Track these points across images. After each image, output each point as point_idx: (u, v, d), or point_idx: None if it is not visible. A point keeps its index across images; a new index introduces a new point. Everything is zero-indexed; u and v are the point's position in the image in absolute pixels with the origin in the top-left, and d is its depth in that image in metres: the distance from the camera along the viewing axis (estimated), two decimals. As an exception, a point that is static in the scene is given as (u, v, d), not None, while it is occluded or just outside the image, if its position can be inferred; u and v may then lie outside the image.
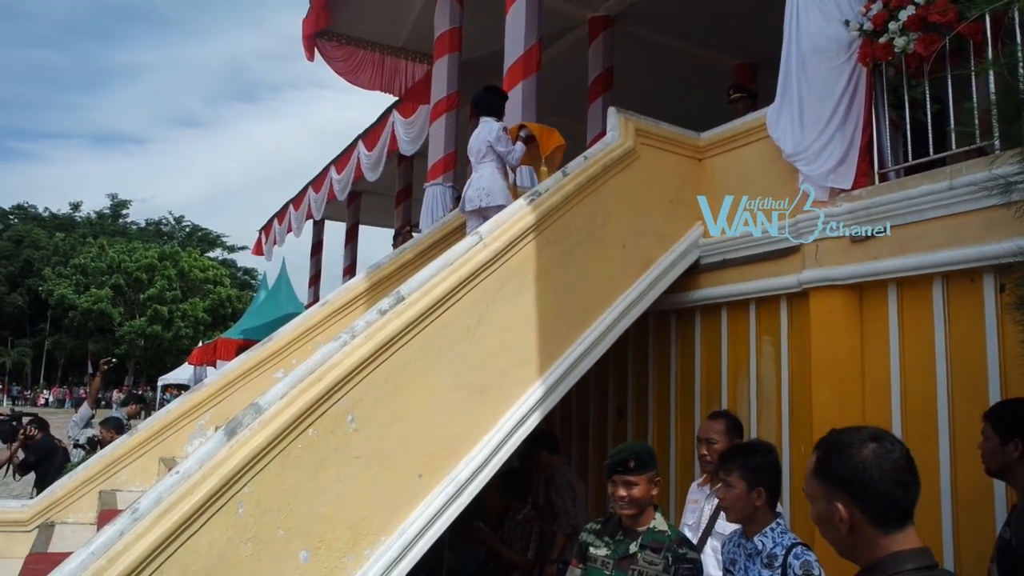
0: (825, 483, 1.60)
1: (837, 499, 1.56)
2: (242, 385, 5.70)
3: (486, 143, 5.30)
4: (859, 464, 1.56)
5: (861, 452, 1.57)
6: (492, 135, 5.28)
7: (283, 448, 3.12)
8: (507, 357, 3.92)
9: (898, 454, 1.58)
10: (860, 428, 1.66)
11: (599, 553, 2.97)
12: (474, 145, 5.45)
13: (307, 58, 9.77)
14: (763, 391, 4.50)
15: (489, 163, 5.30)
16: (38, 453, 7.24)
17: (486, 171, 5.28)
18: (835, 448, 1.62)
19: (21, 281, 55.55)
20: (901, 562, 1.51)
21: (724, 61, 9.29)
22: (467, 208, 5.37)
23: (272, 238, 16.85)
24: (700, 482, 3.59)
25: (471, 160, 5.48)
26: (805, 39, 4.15)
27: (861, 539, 1.55)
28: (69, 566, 2.59)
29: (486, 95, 5.62)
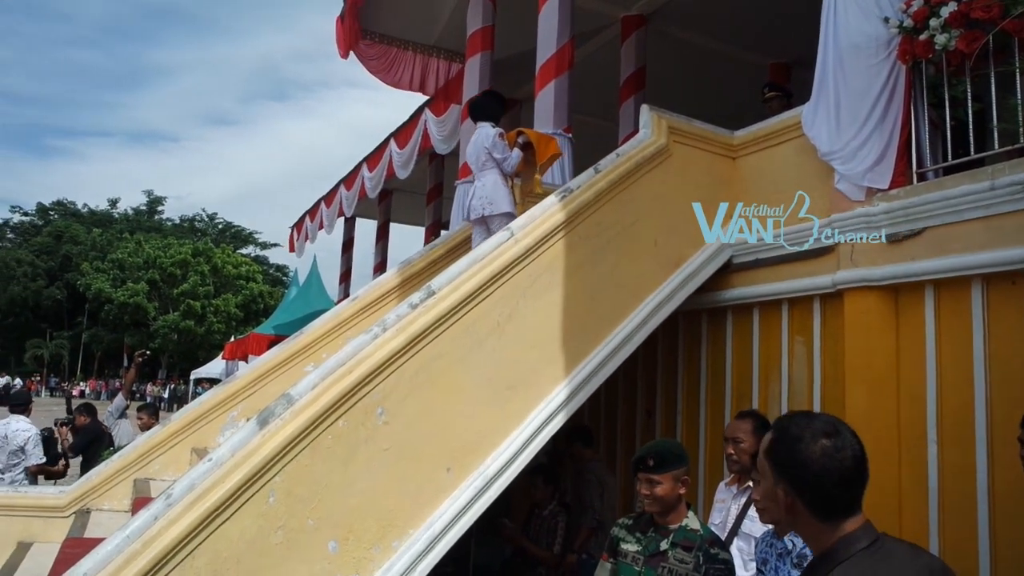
0: (773, 466, 1.64)
1: (779, 484, 1.61)
2: (273, 378, 5.77)
3: (484, 149, 5.25)
4: (806, 460, 1.57)
5: (811, 448, 1.58)
6: (488, 141, 5.23)
7: (314, 438, 3.15)
8: (536, 353, 3.92)
9: (848, 453, 1.58)
10: (815, 417, 1.66)
11: (630, 549, 2.97)
12: (472, 152, 5.41)
13: (341, 56, 9.84)
14: (795, 392, 4.44)
15: (491, 170, 5.26)
16: (86, 438, 7.41)
17: (488, 179, 5.24)
18: (786, 438, 1.63)
19: (60, 275, 56.72)
20: (850, 545, 1.55)
21: (759, 61, 9.21)
22: (471, 217, 5.33)
23: (304, 235, 17.02)
24: (728, 482, 3.56)
25: (471, 167, 5.45)
26: (843, 36, 4.09)
27: (801, 523, 1.61)
28: (105, 548, 2.64)
29: (484, 100, 5.58)
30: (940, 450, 3.66)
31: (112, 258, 51.97)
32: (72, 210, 65.17)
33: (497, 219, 5.16)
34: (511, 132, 5.47)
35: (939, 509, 3.63)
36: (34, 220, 64.03)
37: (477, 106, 5.57)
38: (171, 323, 47.40)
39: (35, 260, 56.67)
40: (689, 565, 2.79)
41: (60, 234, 59.22)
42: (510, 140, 5.35)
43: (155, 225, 65.46)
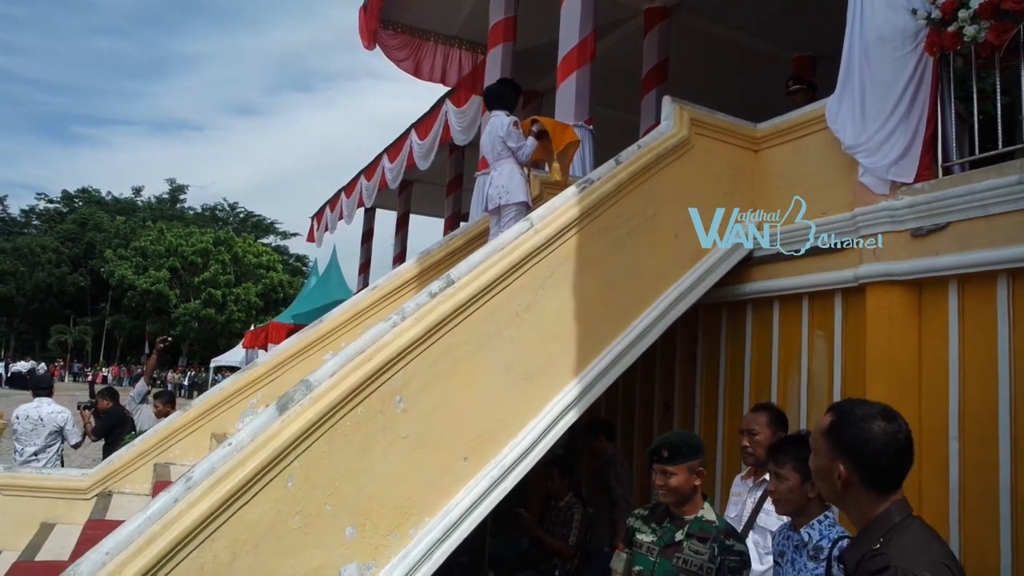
0: (833, 444, 1.82)
1: (840, 461, 1.80)
2: (293, 365, 5.80)
3: (499, 138, 5.18)
4: (869, 439, 1.78)
5: (873, 427, 1.79)
6: (503, 129, 5.16)
7: (332, 425, 3.17)
8: (555, 344, 3.92)
9: (903, 435, 1.80)
10: (872, 403, 1.88)
11: (645, 539, 2.97)
12: (487, 142, 5.35)
13: (365, 46, 9.87)
14: (814, 387, 4.41)
15: (507, 160, 5.20)
16: (108, 421, 7.52)
17: (504, 168, 5.19)
18: (849, 418, 1.83)
19: (84, 262, 57.45)
20: (901, 509, 1.78)
21: (783, 54, 9.12)
22: (488, 207, 5.29)
23: (324, 225, 17.09)
24: (743, 475, 3.55)
25: (486, 157, 5.39)
26: (869, 28, 4.04)
27: (853, 496, 1.81)
28: (127, 529, 2.67)
29: (499, 87, 5.50)
30: (962, 447, 3.62)
31: (135, 246, 52.54)
32: (96, 197, 65.96)
33: (511, 208, 5.13)
34: (526, 120, 5.43)
35: (960, 506, 3.59)
36: (59, 207, 64.88)
37: (492, 94, 5.51)
38: (192, 311, 47.87)
39: (60, 247, 57.42)
40: (704, 556, 2.78)
41: (84, 221, 59.95)
42: (525, 128, 5.30)
43: (177, 213, 66.13)
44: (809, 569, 2.51)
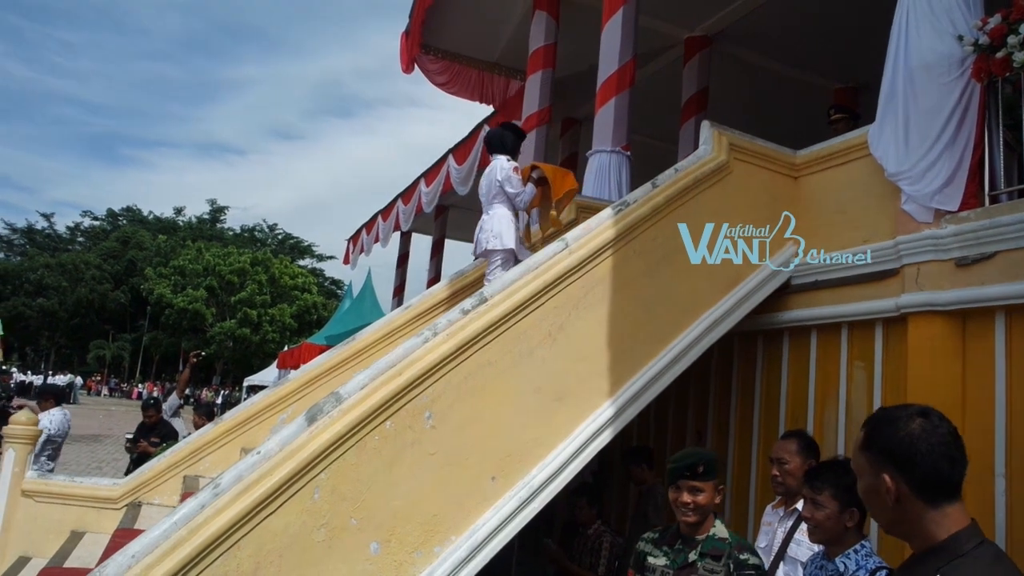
0: (873, 456, 1.63)
1: (884, 471, 1.59)
2: (324, 382, 5.82)
3: (496, 183, 5.06)
4: (906, 437, 1.58)
5: (909, 426, 1.60)
6: (502, 174, 5.04)
7: (360, 438, 3.15)
8: (587, 365, 3.87)
9: (945, 430, 1.61)
10: (907, 405, 1.69)
11: (658, 563, 2.91)
12: (484, 184, 5.23)
13: (404, 70, 10.01)
14: (853, 418, 4.30)
15: (500, 204, 5.07)
16: (161, 432, 7.60)
17: (496, 212, 5.06)
18: (883, 421, 1.65)
19: (125, 279, 58.65)
20: (960, 544, 1.52)
21: (825, 84, 9.07)
22: (477, 251, 5.17)
23: (360, 247, 17.23)
24: (774, 504, 3.46)
25: (482, 200, 5.27)
26: (914, 54, 3.98)
27: (909, 512, 1.57)
28: (153, 534, 2.67)
29: (501, 132, 5.37)
30: (1009, 484, 3.49)
31: (174, 264, 53.53)
32: (139, 216, 67.55)
33: (498, 254, 4.99)
34: (525, 167, 5.29)
35: (1007, 545, 3.44)
36: (104, 225, 66.49)
37: (494, 138, 5.34)
38: (227, 330, 48.49)
39: (102, 264, 58.73)
40: (720, 574, 2.73)
41: (127, 239, 61.33)
42: (524, 175, 5.16)
43: (217, 234, 67.33)
44: (844, 600, 2.42)
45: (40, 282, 55.51)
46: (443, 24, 9.62)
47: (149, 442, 7.40)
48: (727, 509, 5.05)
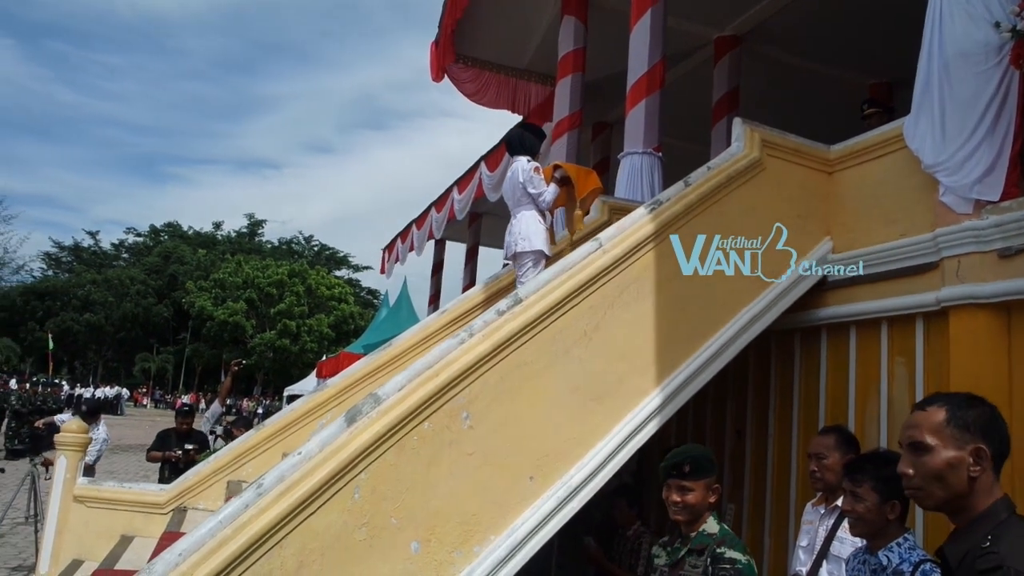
0: (962, 431, 1.74)
1: (975, 443, 1.72)
2: (362, 387, 5.88)
3: (519, 185, 5.02)
4: (989, 411, 1.77)
5: (983, 407, 1.79)
6: (524, 175, 4.99)
7: (399, 438, 3.19)
8: (623, 364, 3.88)
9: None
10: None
11: (660, 562, 2.96)
12: (508, 187, 5.19)
13: (434, 79, 10.11)
14: (894, 415, 4.23)
15: (527, 207, 5.02)
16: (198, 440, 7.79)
17: (523, 215, 5.02)
18: (963, 402, 1.79)
19: (168, 293, 59.87)
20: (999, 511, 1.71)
21: (858, 81, 8.95)
22: (507, 254, 5.14)
23: (395, 256, 17.40)
24: (815, 502, 3.42)
25: (508, 204, 5.24)
26: (949, 43, 3.92)
27: (982, 483, 1.72)
28: (199, 532, 2.74)
29: (520, 132, 5.31)
30: (1058, 480, 3.41)
31: (214, 277, 54.50)
32: (180, 232, 68.95)
33: (528, 256, 4.97)
34: (547, 167, 5.25)
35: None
36: (146, 241, 68.00)
37: (514, 139, 5.28)
38: (267, 341, 49.21)
39: (146, 279, 60.02)
40: (699, 569, 2.72)
41: (168, 254, 62.64)
42: (546, 175, 5.11)
43: (255, 247, 68.43)
44: (889, 594, 2.38)
45: (87, 298, 56.91)
46: (472, 32, 9.70)
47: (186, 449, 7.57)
48: (767, 509, 5.00)
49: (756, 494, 5.17)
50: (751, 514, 5.14)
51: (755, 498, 5.17)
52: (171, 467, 7.59)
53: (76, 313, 56.60)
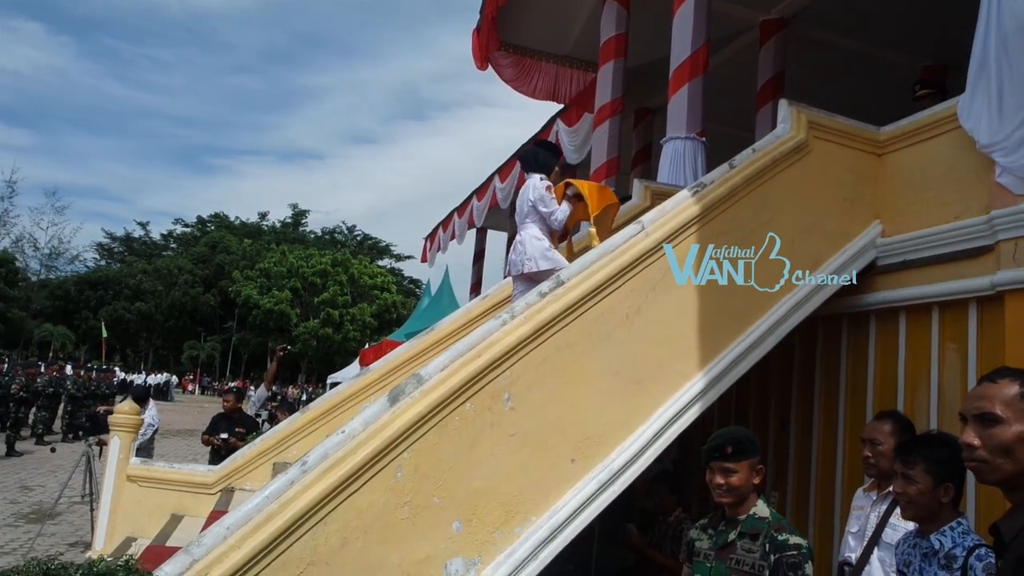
0: None
1: None
2: (404, 371, 5.93)
3: (529, 202, 4.89)
4: None
5: None
6: (535, 193, 4.85)
7: (441, 419, 3.21)
8: (666, 348, 3.85)
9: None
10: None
11: (702, 546, 2.89)
12: (518, 203, 5.07)
13: (478, 67, 10.11)
14: (945, 403, 4.13)
15: (532, 224, 4.88)
16: (247, 423, 7.96)
17: (527, 233, 4.88)
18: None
19: (214, 282, 61.08)
20: None
21: (910, 63, 8.70)
22: (511, 272, 5.04)
23: (436, 245, 17.51)
24: (866, 488, 3.35)
25: (516, 220, 5.12)
26: (1008, 17, 3.78)
27: None
28: (246, 507, 2.80)
29: (535, 150, 5.18)
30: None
31: (260, 267, 55.43)
32: (226, 222, 70.23)
33: (541, 275, 4.71)
34: (559, 185, 5.11)
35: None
36: (194, 231, 69.42)
37: (528, 156, 5.16)
38: (311, 330, 49.91)
39: (194, 268, 61.30)
40: (756, 554, 2.65)
41: (215, 244, 63.86)
42: (558, 193, 4.98)
43: (299, 237, 69.38)
44: (940, 579, 2.33)
45: (138, 287, 58.32)
46: (514, 19, 9.67)
47: (234, 433, 7.72)
48: (812, 496, 4.93)
49: (800, 482, 5.10)
50: (795, 502, 5.07)
51: (799, 486, 5.10)
52: (214, 451, 7.77)
53: (127, 302, 58.03)
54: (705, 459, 2.85)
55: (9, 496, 11.08)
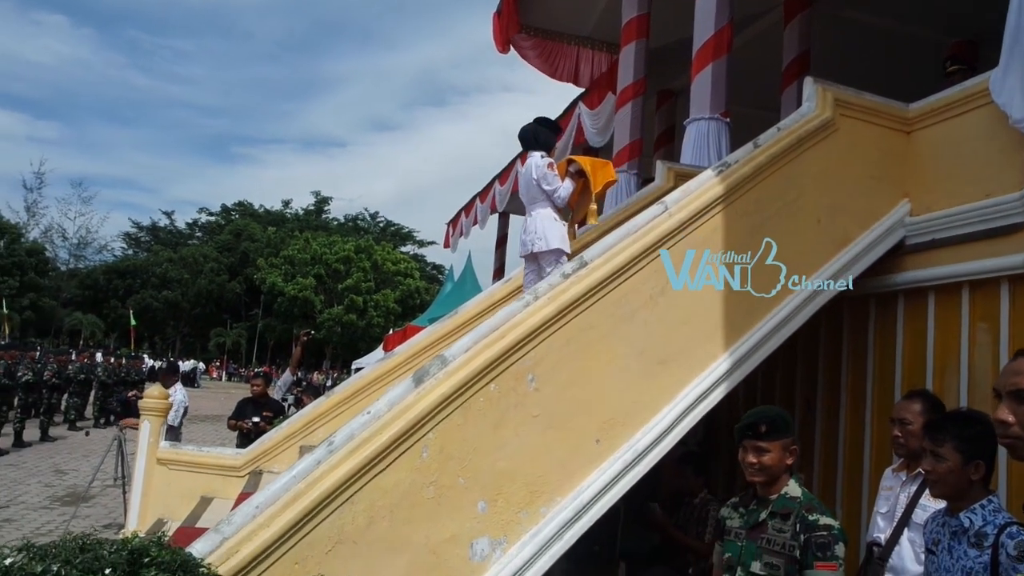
0: None
1: None
2: (428, 354, 5.95)
3: (533, 181, 4.87)
4: None
5: None
6: (538, 171, 4.83)
7: (466, 399, 3.23)
8: (690, 329, 3.83)
9: None
10: None
11: (733, 525, 2.89)
12: (522, 184, 5.05)
13: (499, 50, 10.06)
14: (976, 384, 4.07)
15: (541, 203, 4.87)
16: (274, 408, 8.06)
17: (539, 213, 4.87)
18: None
19: (239, 270, 61.68)
20: None
21: (939, 39, 8.51)
22: (522, 253, 5.02)
23: (459, 230, 17.51)
24: (895, 468, 3.32)
25: (523, 201, 5.10)
26: (1042, -11, 3.70)
27: None
28: (274, 487, 2.83)
29: (534, 127, 5.11)
30: None
31: (284, 254, 55.85)
32: (250, 210, 70.77)
33: (546, 255, 4.83)
34: (561, 161, 5.10)
35: None
36: (218, 220, 70.07)
37: (527, 134, 5.09)
38: (335, 316, 50.27)
39: (219, 256, 61.93)
40: (787, 534, 2.65)
41: (240, 232, 64.43)
42: (560, 170, 4.96)
43: (322, 224, 69.76)
44: (971, 557, 2.29)
45: (164, 275, 59.08)
46: (535, 1, 9.60)
47: (262, 417, 7.81)
48: (839, 478, 4.89)
49: (827, 463, 5.06)
50: (821, 484, 5.04)
51: (826, 467, 5.06)
52: (242, 436, 7.87)
53: (155, 290, 58.83)
54: (738, 437, 2.83)
55: (44, 480, 11.32)
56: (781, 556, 2.64)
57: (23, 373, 15.04)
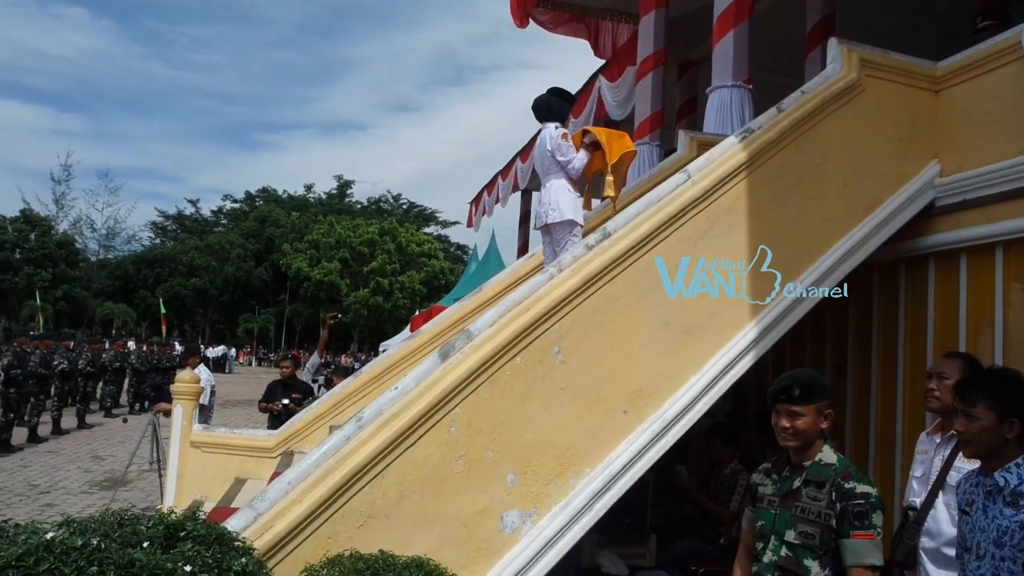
0: None
1: None
2: (453, 333, 5.98)
3: (547, 152, 4.82)
4: None
5: None
6: (552, 143, 4.79)
7: (492, 373, 3.23)
8: (716, 297, 3.79)
9: None
10: None
11: (766, 492, 2.82)
12: (537, 155, 5.01)
13: (517, 25, 9.97)
14: (1011, 345, 4.00)
15: (555, 175, 4.82)
16: (303, 390, 8.15)
17: (553, 184, 4.83)
18: None
19: (265, 256, 62.21)
20: None
21: (968, -3, 8.30)
22: (537, 225, 4.98)
23: (482, 209, 17.48)
24: (929, 431, 3.28)
25: (538, 172, 5.05)
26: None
27: None
28: (304, 463, 2.86)
29: (548, 98, 5.04)
30: None
31: (308, 239, 56.17)
32: (274, 196, 71.19)
33: (560, 227, 4.79)
34: (576, 132, 5.02)
35: None
36: (243, 207, 70.61)
37: (541, 105, 5.04)
38: (361, 299, 50.59)
39: (245, 243, 62.49)
40: (822, 502, 2.57)
41: (264, 218, 64.88)
42: (575, 141, 4.90)
43: (346, 207, 69.95)
44: (1007, 516, 2.26)
45: (192, 263, 59.73)
46: (551, -28, 9.50)
47: (291, 399, 7.90)
48: (871, 445, 4.85)
49: (858, 428, 5.02)
50: (853, 448, 5.00)
51: (857, 432, 5.02)
52: (273, 418, 7.96)
53: (183, 278, 59.53)
54: (771, 401, 2.75)
55: (83, 466, 11.58)
56: (817, 525, 2.57)
57: (59, 362, 15.32)
